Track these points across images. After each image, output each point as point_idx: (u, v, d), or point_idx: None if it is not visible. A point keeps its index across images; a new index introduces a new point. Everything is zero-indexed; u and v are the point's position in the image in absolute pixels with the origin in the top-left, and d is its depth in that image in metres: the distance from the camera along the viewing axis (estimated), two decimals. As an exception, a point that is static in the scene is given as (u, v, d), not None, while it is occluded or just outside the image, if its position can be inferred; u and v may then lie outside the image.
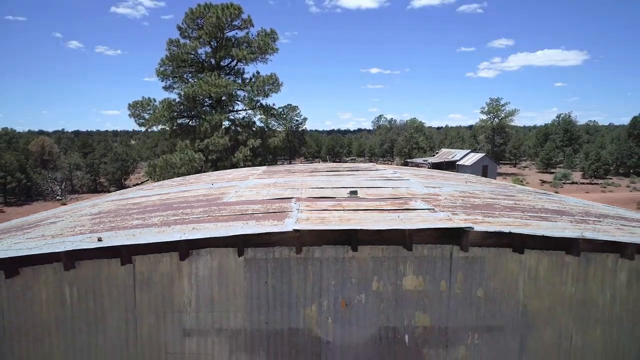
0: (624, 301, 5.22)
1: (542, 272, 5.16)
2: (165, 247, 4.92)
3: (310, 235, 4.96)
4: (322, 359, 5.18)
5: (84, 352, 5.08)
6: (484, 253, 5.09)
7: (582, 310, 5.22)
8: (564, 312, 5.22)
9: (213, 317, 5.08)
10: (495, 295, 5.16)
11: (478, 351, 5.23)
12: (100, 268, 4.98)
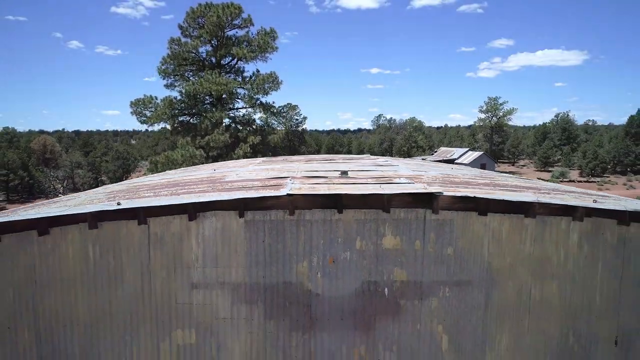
0: (576, 259, 5.97)
1: (504, 233, 5.91)
2: (175, 209, 5.68)
3: (301, 200, 5.71)
4: (312, 310, 5.93)
5: (105, 303, 5.83)
6: (453, 216, 5.84)
7: (539, 267, 5.97)
8: (524, 269, 5.97)
9: (217, 272, 5.83)
10: (463, 253, 5.91)
11: (449, 303, 5.98)
12: (119, 229, 5.74)
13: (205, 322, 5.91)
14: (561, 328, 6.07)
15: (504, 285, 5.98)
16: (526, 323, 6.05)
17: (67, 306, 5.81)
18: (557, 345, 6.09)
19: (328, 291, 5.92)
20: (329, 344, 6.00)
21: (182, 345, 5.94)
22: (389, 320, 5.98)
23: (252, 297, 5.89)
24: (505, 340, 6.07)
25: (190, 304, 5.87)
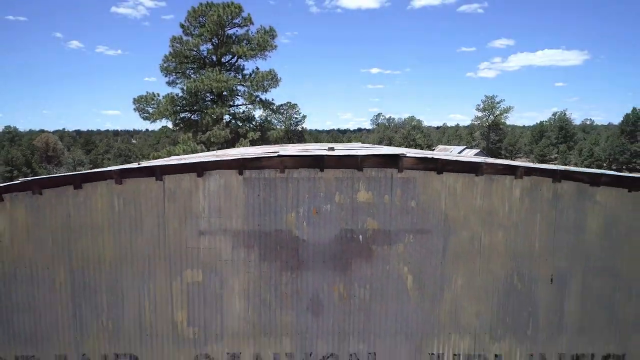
0: (518, 211, 7.18)
1: (459, 190, 7.12)
2: (186, 168, 6.89)
3: (290, 161, 6.92)
4: (299, 253, 7.14)
5: (127, 247, 7.04)
6: (415, 175, 7.05)
7: (488, 218, 7.18)
8: (475, 219, 7.18)
9: (220, 221, 7.04)
10: (424, 206, 7.12)
11: (413, 248, 7.19)
12: (140, 184, 6.95)
13: (211, 263, 7.12)
14: (507, 269, 7.28)
15: (458, 233, 7.19)
16: (477, 265, 7.26)
17: (95, 249, 7.02)
18: (503, 284, 7.31)
19: (312, 237, 7.13)
20: (313, 282, 7.22)
21: (191, 282, 7.15)
22: (363, 262, 7.19)
23: (249, 242, 7.10)
24: (460, 280, 7.29)
25: (198, 248, 7.08)
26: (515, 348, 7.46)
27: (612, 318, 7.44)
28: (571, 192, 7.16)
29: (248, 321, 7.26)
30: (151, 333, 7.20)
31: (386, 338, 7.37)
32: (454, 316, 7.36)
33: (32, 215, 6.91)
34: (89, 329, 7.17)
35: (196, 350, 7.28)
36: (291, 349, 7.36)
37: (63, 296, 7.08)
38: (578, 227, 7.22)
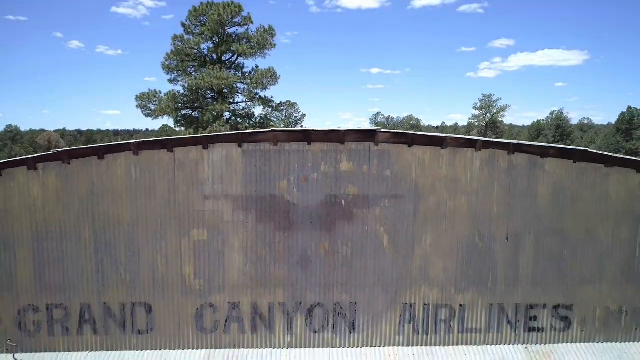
0: (478, 179, 8.34)
1: (427, 161, 8.29)
2: (193, 141, 8.05)
3: (282, 135, 8.08)
4: (290, 215, 8.31)
5: (143, 209, 8.20)
6: (389, 147, 8.21)
7: (452, 185, 8.34)
8: (441, 186, 8.34)
9: (223, 187, 8.20)
10: (397, 175, 8.29)
11: (388, 211, 8.35)
12: (154, 155, 8.11)
13: (214, 224, 8.28)
14: (469, 230, 8.44)
15: (427, 198, 8.36)
16: (444, 226, 8.43)
17: (115, 211, 8.18)
18: (466, 243, 8.47)
19: (301, 202, 8.30)
20: (302, 240, 8.38)
21: (197, 241, 8.32)
22: (345, 223, 8.36)
23: (248, 205, 8.26)
24: (429, 239, 8.45)
25: (203, 211, 8.25)
26: (477, 299, 8.63)
27: (561, 272, 8.61)
28: (524, 162, 8.33)
29: (246, 274, 8.43)
30: (163, 284, 8.37)
31: (366, 289, 8.54)
32: (424, 270, 8.53)
33: (61, 181, 8.07)
34: (109, 280, 8.34)
35: (202, 300, 8.45)
36: (284, 299, 8.53)
37: (87, 252, 8.25)
38: (530, 193, 8.39)
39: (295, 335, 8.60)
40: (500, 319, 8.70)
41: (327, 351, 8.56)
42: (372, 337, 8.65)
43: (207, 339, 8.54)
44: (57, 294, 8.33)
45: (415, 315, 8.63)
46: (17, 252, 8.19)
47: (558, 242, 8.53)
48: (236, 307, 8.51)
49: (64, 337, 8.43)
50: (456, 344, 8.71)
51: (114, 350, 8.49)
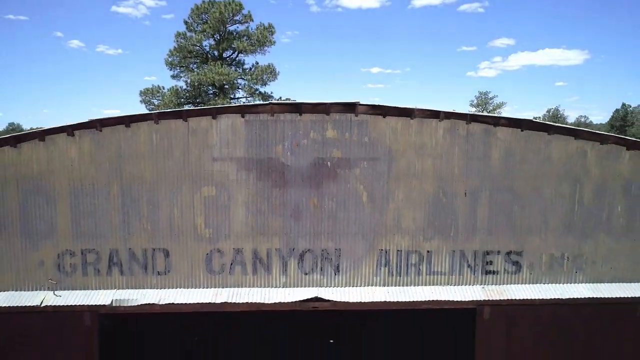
0: (442, 145, 9.98)
1: (399, 129, 9.93)
2: (204, 112, 9.70)
3: (278, 107, 9.73)
4: (284, 175, 9.95)
5: (161, 169, 9.83)
6: (367, 118, 9.86)
7: (420, 150, 9.98)
8: (411, 151, 9.98)
9: (228, 150, 9.84)
10: (374, 140, 9.93)
11: (366, 172, 9.99)
12: (171, 124, 9.75)
13: (221, 182, 9.93)
14: (434, 187, 10.09)
15: (399, 160, 10.00)
16: (413, 184, 10.07)
17: (139, 171, 9.82)
18: (432, 198, 10.11)
19: (294, 163, 9.94)
20: (295, 196, 10.03)
21: (207, 196, 9.96)
22: (330, 182, 10.01)
23: (249, 166, 9.91)
24: (401, 195, 10.10)
25: (212, 171, 9.89)
26: (441, 246, 10.28)
27: (511, 223, 10.26)
28: (479, 131, 9.97)
29: (248, 225, 10.08)
30: (178, 233, 10.01)
31: (348, 238, 10.19)
32: (396, 222, 10.17)
33: (94, 146, 9.72)
34: (134, 229, 9.98)
35: (211, 246, 10.10)
36: (279, 246, 10.18)
37: (115, 205, 9.89)
38: (485, 156, 10.03)
39: (289, 276, 10.25)
40: (461, 263, 10.36)
41: (315, 290, 10.21)
42: (353, 278, 10.31)
43: (215, 280, 10.20)
44: (90, 240, 9.97)
45: (389, 259, 10.28)
46: (58, 205, 9.83)
47: (509, 197, 10.18)
48: (239, 252, 10.16)
49: (96, 277, 10.08)
50: (424, 284, 10.37)
51: (137, 288, 10.14)
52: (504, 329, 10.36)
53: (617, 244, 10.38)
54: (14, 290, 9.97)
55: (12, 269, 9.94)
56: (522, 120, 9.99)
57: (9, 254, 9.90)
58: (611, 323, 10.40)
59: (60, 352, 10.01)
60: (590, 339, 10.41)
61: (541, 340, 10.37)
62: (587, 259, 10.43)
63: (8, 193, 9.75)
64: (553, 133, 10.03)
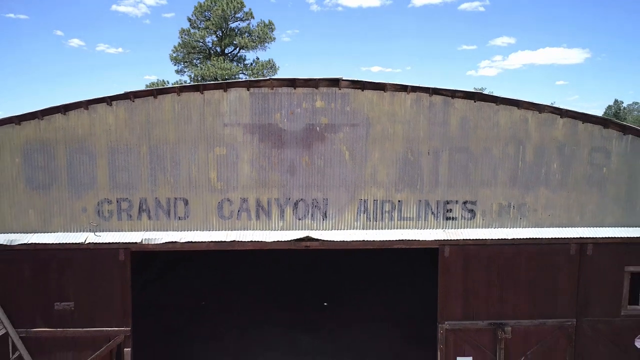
0: (409, 113, 12.28)
1: (374, 100, 12.22)
2: (217, 86, 12.01)
3: (276, 82, 12.04)
4: (282, 137, 12.25)
5: (182, 132, 12.13)
6: (350, 92, 12.15)
7: (392, 117, 12.28)
8: (384, 118, 12.28)
9: (237, 117, 12.14)
10: (354, 110, 12.23)
11: (348, 135, 12.29)
12: (190, 95, 12.05)
13: (230, 143, 12.23)
14: (404, 148, 12.39)
15: (375, 126, 12.30)
16: (387, 145, 12.37)
17: (164, 133, 12.13)
18: (402, 157, 12.42)
19: (289, 128, 12.24)
20: (290, 155, 12.33)
21: (219, 155, 12.26)
22: (319, 143, 12.31)
23: (253, 130, 12.21)
24: (376, 154, 12.40)
25: (223, 133, 12.19)
26: (410, 196, 12.59)
27: (467, 178, 12.56)
28: (440, 101, 12.28)
29: (252, 178, 12.38)
30: (196, 185, 12.32)
31: (333, 189, 12.49)
32: (373, 176, 12.48)
33: (128, 113, 12.02)
34: (159, 182, 12.29)
35: (222, 196, 12.40)
36: (278, 196, 12.49)
37: (144, 162, 12.20)
38: (444, 123, 12.33)
39: (286, 221, 12.57)
40: (426, 210, 12.67)
41: (307, 232, 12.51)
42: (338, 223, 12.63)
43: (225, 224, 12.51)
44: (124, 191, 12.28)
45: (367, 207, 12.59)
46: (97, 162, 12.14)
47: (464, 156, 12.48)
48: (245, 201, 12.47)
49: (128, 221, 12.39)
50: (396, 228, 12.68)
51: (161, 231, 12.45)
52: (461, 263, 12.70)
53: (553, 195, 12.69)
54: (63, 231, 12.29)
55: (61, 214, 12.25)
56: (474, 93, 12.30)
57: (59, 202, 12.22)
58: (549, 259, 12.73)
59: (102, 281, 12.35)
60: (531, 271, 12.74)
61: (491, 272, 12.70)
62: (529, 207, 12.74)
63: (58, 152, 12.06)
64: (500, 104, 12.34)
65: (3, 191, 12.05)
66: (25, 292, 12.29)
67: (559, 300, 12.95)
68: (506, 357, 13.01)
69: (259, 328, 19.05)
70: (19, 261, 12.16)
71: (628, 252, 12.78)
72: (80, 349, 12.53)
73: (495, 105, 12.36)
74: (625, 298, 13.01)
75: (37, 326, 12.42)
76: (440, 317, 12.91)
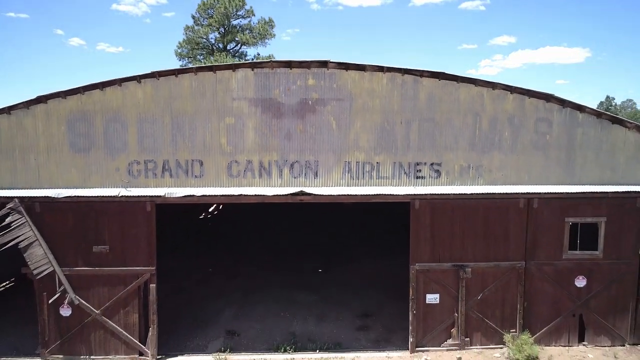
0: (385, 89, 14.88)
1: (357, 78, 14.82)
2: (226, 67, 14.63)
3: (276, 64, 14.66)
4: (280, 109, 14.87)
5: (198, 105, 14.74)
6: (336, 72, 14.77)
7: (371, 93, 14.87)
8: (365, 93, 14.89)
9: (244, 92, 14.76)
10: (340, 87, 14.84)
11: (335, 107, 14.90)
12: (205, 75, 14.66)
13: (238, 114, 14.85)
14: (381, 118, 15.00)
15: (357, 100, 14.92)
16: (367, 116, 14.99)
17: (183, 106, 14.74)
18: (380, 126, 15.03)
19: (286, 101, 14.86)
20: (287, 124, 14.95)
21: (228, 124, 14.87)
22: (311, 114, 14.93)
23: (256, 103, 14.83)
24: (358, 124, 15.02)
25: (232, 106, 14.80)
26: (386, 159, 15.20)
27: (434, 143, 15.17)
28: (410, 80, 14.89)
29: (256, 143, 14.99)
30: (209, 148, 14.93)
31: (323, 153, 15.10)
32: (355, 142, 15.09)
33: (154, 89, 14.63)
34: (179, 146, 14.89)
35: (231, 158, 15.01)
36: (277, 158, 15.10)
37: (167, 129, 14.81)
38: (414, 97, 14.94)
39: (284, 179, 15.19)
40: (400, 171, 15.28)
41: (301, 188, 15.13)
42: (327, 181, 15.24)
43: (233, 181, 15.12)
44: (150, 154, 14.89)
45: (351, 168, 15.21)
46: (129, 129, 14.75)
47: (431, 126, 15.09)
48: (250, 163, 15.08)
49: (153, 179, 15.00)
50: (375, 185, 15.29)
51: (181, 187, 15.06)
52: (429, 214, 15.33)
53: (505, 158, 15.30)
54: (100, 187, 14.91)
55: (98, 173, 14.87)
56: (439, 73, 14.92)
57: (96, 163, 14.84)
58: (501, 211, 15.36)
59: (132, 228, 14.99)
60: (487, 222, 15.37)
61: (454, 222, 15.34)
62: (485, 168, 15.35)
63: (96, 121, 14.68)
64: (460, 82, 14.96)
65: (51, 153, 14.68)
66: (69, 237, 14.93)
67: (510, 246, 15.59)
68: (467, 294, 15.64)
69: (260, 289, 21.77)
70: (64, 211, 14.79)
71: (568, 205, 15.41)
72: (113, 284, 15.17)
73: (456, 83, 14.98)
74: (566, 244, 15.64)
75: (78, 266, 15.05)
76: (411, 260, 15.54)
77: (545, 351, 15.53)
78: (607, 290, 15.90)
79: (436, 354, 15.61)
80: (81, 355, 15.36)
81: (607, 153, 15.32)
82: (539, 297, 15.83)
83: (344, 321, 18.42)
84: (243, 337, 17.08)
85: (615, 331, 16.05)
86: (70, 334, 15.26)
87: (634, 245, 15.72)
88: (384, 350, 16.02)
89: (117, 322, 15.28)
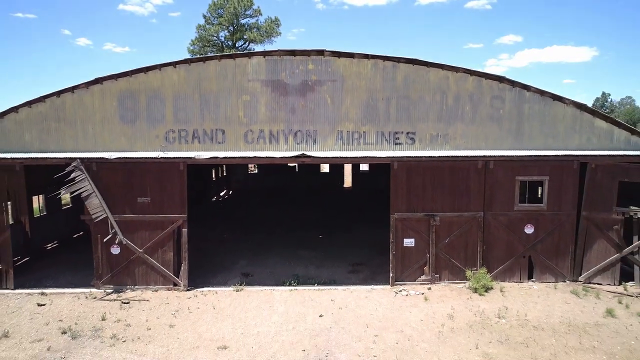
0: (370, 72, 18.64)
1: (347, 64, 18.61)
2: (244, 55, 18.47)
3: (282, 52, 18.47)
4: (286, 88, 18.68)
5: (221, 85, 18.57)
6: (331, 58, 18.55)
7: (359, 75, 18.64)
8: (354, 76, 18.67)
9: (257, 75, 18.58)
10: (334, 71, 18.63)
11: (330, 87, 18.69)
12: (227, 62, 18.49)
13: (252, 92, 18.67)
14: (367, 96, 18.77)
15: (347, 81, 18.70)
16: (355, 94, 18.77)
17: (209, 86, 18.58)
18: (365, 102, 18.81)
19: (291, 82, 18.67)
20: (292, 100, 18.76)
21: (244, 100, 18.70)
22: (310, 93, 18.73)
23: (267, 84, 18.65)
24: (348, 100, 18.81)
25: (248, 86, 18.63)
26: (371, 129, 18.97)
27: (409, 116, 18.93)
28: (390, 65, 18.65)
29: (267, 116, 18.81)
30: (230, 120, 18.76)
31: (320, 124, 18.89)
32: (346, 115, 18.88)
33: (186, 73, 18.48)
34: (206, 118, 18.74)
35: (247, 128, 18.83)
36: (283, 128, 18.92)
37: (196, 104, 18.65)
38: (393, 79, 18.70)
39: (289, 145, 19.00)
40: (382, 139, 19.04)
41: (302, 152, 18.92)
42: (323, 146, 19.03)
43: (249, 146, 18.94)
44: (183, 124, 18.74)
45: (343, 136, 18.99)
46: (166, 105, 18.61)
47: (407, 102, 18.85)
48: (262, 132, 18.90)
49: (185, 144, 18.85)
50: (362, 150, 19.07)
51: (207, 151, 18.90)
52: (405, 173, 19.10)
53: (467, 128, 19.03)
54: (143, 151, 18.79)
55: (142, 139, 18.75)
56: (413, 59, 18.68)
57: (140, 132, 18.72)
58: (464, 171, 19.10)
59: (168, 183, 18.87)
60: (452, 178, 19.12)
61: (425, 179, 19.10)
62: (450, 137, 19.09)
63: (140, 98, 18.56)
64: (430, 67, 18.71)
65: (105, 124, 18.58)
66: (119, 190, 18.82)
67: (471, 200, 19.33)
68: (437, 239, 19.40)
69: (269, 249, 25.62)
70: (115, 170, 18.68)
71: (518, 167, 19.13)
72: (153, 228, 19.05)
73: (427, 68, 18.74)
74: (517, 198, 19.36)
75: (126, 213, 18.94)
76: (392, 210, 19.32)
77: (500, 285, 19.26)
78: (551, 236, 19.60)
79: (411, 286, 19.37)
80: (127, 285, 19.26)
81: (550, 124, 19.03)
82: (495, 241, 19.55)
83: (339, 268, 22.23)
84: (256, 277, 20.91)
85: (558, 270, 19.76)
86: (118, 269, 19.16)
87: (572, 200, 19.42)
88: (370, 284, 19.80)
89: (156, 259, 19.17)
